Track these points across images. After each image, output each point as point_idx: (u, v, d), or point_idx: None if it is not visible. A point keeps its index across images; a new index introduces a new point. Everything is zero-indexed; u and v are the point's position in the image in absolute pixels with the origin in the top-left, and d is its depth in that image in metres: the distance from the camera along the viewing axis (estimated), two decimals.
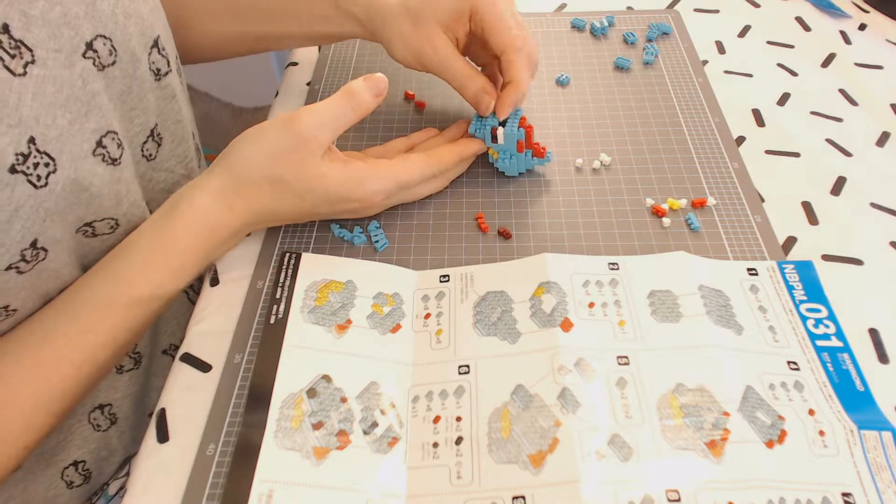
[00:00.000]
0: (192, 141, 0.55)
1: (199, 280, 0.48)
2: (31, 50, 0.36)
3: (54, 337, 0.39)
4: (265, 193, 0.43)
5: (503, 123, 0.50)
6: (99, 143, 0.40)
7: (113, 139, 0.42)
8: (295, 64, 0.66)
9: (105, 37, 0.40)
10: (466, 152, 0.50)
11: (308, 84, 0.63)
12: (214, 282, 0.47)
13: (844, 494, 0.34)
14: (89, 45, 0.39)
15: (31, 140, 0.35)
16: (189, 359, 0.42)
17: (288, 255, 0.46)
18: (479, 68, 0.54)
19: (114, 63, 0.42)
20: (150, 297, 0.41)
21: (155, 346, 0.55)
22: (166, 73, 0.48)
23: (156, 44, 0.46)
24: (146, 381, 0.55)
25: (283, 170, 0.42)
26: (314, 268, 0.45)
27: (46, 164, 0.36)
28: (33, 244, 0.37)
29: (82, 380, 0.40)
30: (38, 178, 0.36)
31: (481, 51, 0.52)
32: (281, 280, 0.44)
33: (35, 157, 0.36)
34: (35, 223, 0.37)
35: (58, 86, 0.37)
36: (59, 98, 0.37)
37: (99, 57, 0.40)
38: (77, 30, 0.38)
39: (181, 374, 0.42)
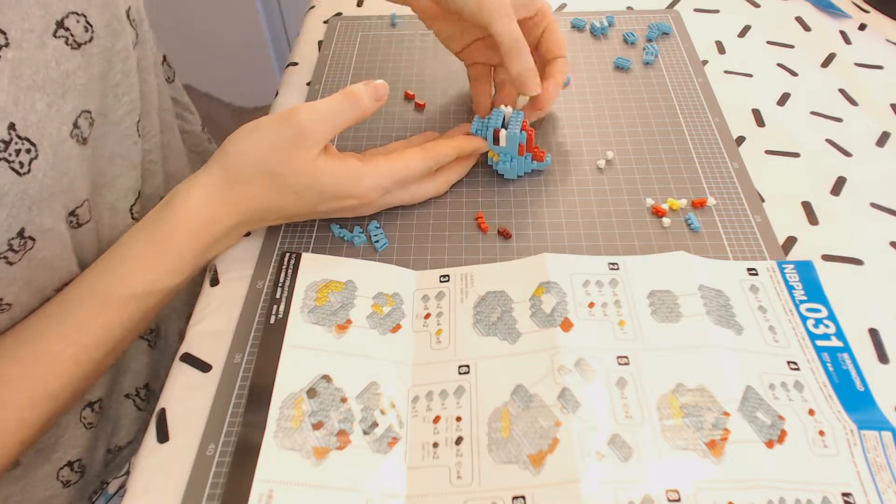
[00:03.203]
0: (157, 115, 0.54)
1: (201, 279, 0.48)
2: (4, 33, 0.35)
3: (50, 333, 0.39)
4: (261, 189, 0.43)
5: (505, 126, 0.50)
6: (75, 125, 0.40)
7: (86, 118, 0.41)
8: (295, 64, 0.66)
9: (77, 13, 0.39)
10: (465, 147, 0.49)
11: (308, 84, 0.63)
12: (214, 282, 0.47)
13: (844, 494, 0.34)
14: (60, 24, 0.38)
15: (12, 126, 0.35)
16: (189, 359, 0.42)
17: (288, 255, 0.46)
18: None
19: (91, 40, 0.40)
20: (144, 292, 0.41)
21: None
22: (135, 45, 0.47)
23: (127, 15, 0.45)
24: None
25: (279, 165, 0.42)
26: (314, 268, 0.45)
27: (28, 151, 0.36)
28: (20, 233, 0.37)
29: (79, 376, 0.40)
30: (21, 164, 0.35)
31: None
32: (281, 280, 0.44)
33: (16, 143, 0.35)
34: (21, 211, 0.36)
35: (34, 68, 0.36)
36: (36, 80, 0.36)
37: (73, 35, 0.39)
38: (47, 8, 0.37)
39: (181, 374, 0.42)
